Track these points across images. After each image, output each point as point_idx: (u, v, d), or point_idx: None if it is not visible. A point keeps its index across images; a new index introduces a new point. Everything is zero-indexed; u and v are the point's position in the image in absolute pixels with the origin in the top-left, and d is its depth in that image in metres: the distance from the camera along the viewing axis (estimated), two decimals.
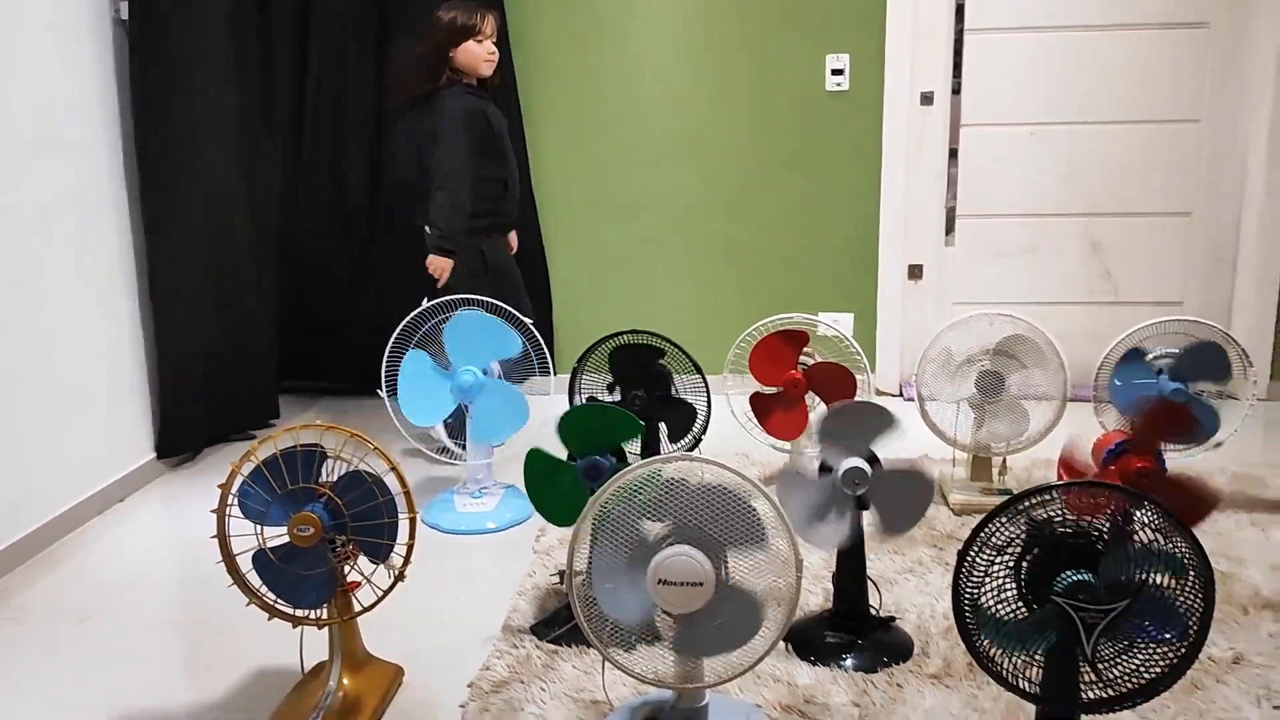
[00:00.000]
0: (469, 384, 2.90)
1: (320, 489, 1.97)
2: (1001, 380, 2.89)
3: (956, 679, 2.12)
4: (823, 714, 2.03)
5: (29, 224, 2.87)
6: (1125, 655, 1.65)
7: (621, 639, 1.86)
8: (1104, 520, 1.66)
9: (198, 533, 3.01)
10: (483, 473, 3.10)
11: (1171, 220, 3.99)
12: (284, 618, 2.00)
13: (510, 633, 2.36)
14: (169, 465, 3.52)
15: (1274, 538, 2.74)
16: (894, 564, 2.64)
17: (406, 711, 2.11)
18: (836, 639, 2.26)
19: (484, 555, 2.87)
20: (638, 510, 1.80)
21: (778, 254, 4.12)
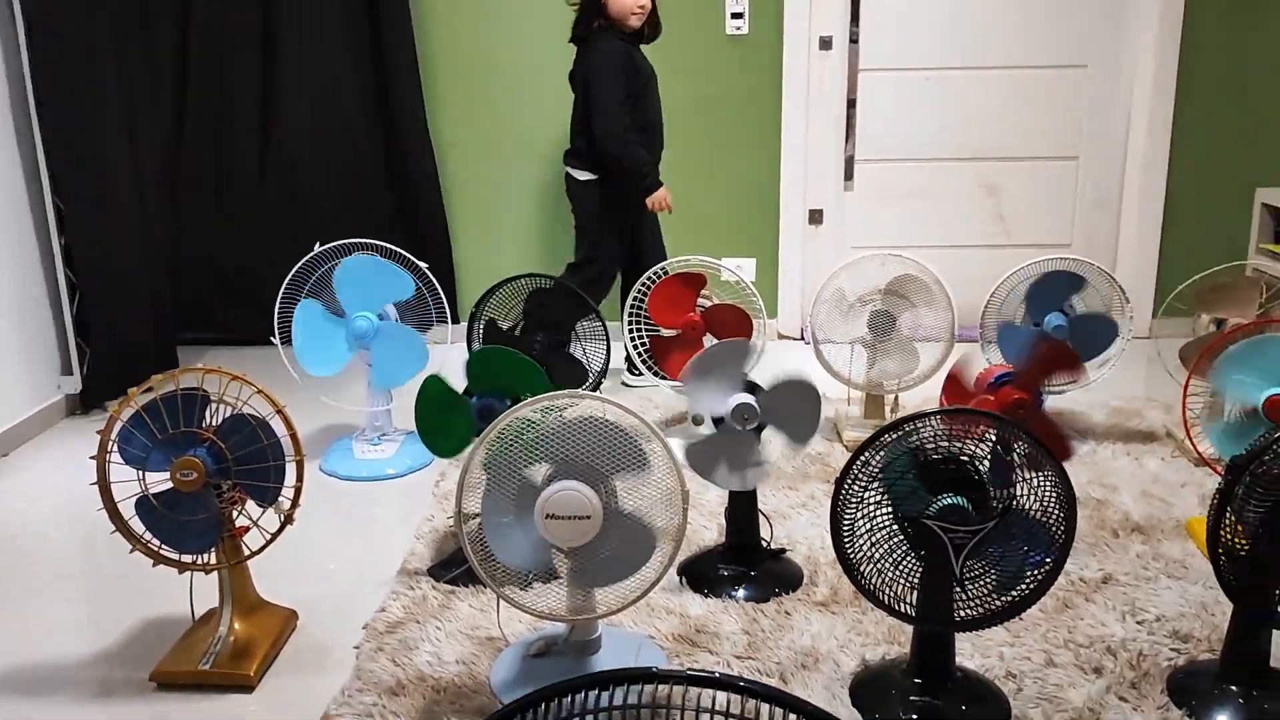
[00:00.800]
0: (364, 329, 2.87)
1: (203, 433, 1.94)
2: (892, 320, 2.95)
3: (843, 605, 2.19)
4: (713, 642, 2.08)
5: None
6: (992, 576, 1.72)
7: (517, 576, 1.87)
8: (977, 446, 1.72)
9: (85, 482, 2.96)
10: (382, 419, 3.08)
11: (1059, 164, 4.09)
12: (169, 563, 1.98)
13: (407, 575, 2.36)
14: (61, 417, 3.43)
15: (1147, 466, 2.87)
16: (787, 499, 2.70)
17: (300, 655, 2.10)
18: (729, 571, 2.32)
19: (383, 501, 2.85)
20: (525, 448, 1.81)
21: (679, 199, 4.11)
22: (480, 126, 4.09)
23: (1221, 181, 3.98)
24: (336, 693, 1.94)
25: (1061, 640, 2.04)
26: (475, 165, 4.12)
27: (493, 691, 1.93)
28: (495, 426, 1.84)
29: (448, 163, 4.10)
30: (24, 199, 3.29)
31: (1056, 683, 1.91)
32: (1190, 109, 3.95)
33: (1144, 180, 4.03)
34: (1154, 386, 3.51)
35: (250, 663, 2.00)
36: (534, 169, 4.12)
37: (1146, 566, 2.32)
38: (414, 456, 3.02)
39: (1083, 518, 2.54)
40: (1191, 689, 1.87)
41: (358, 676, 1.98)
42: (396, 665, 2.01)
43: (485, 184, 4.14)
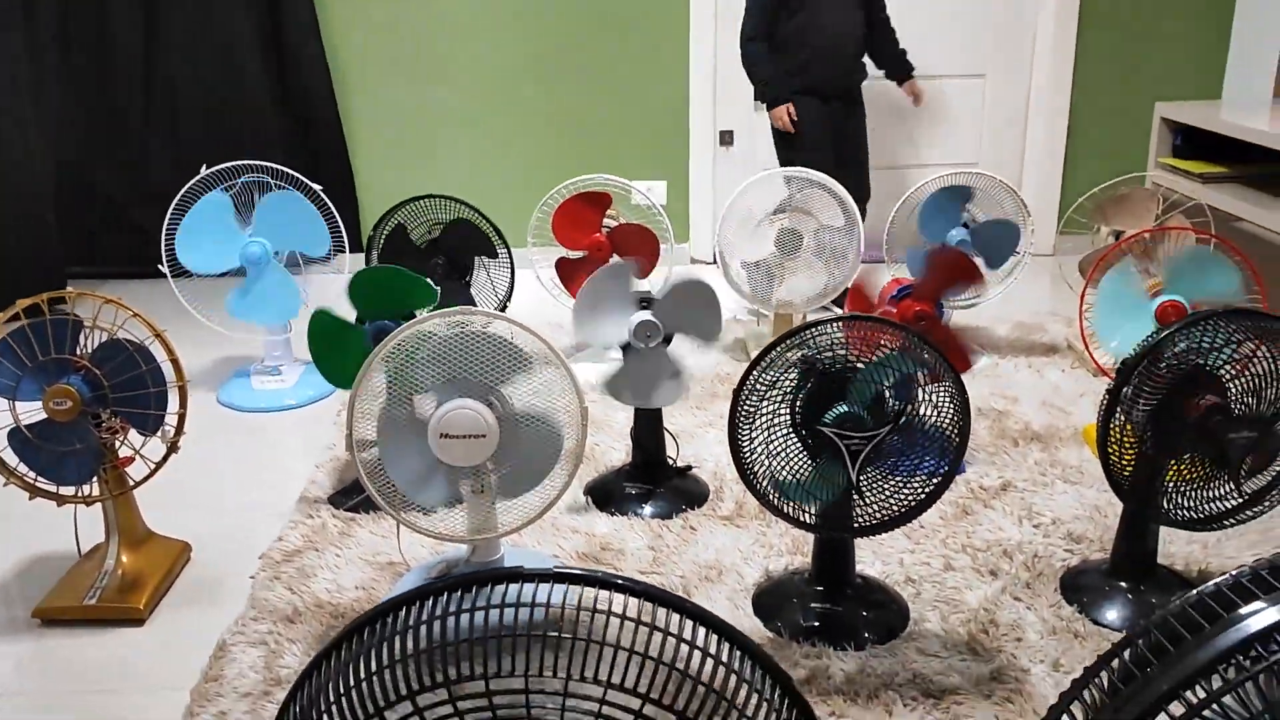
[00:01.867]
0: (255, 255, 2.77)
1: (77, 360, 1.84)
2: (799, 237, 2.94)
3: (748, 519, 2.20)
4: (618, 559, 2.07)
5: None
6: (887, 482, 1.73)
7: (407, 501, 1.83)
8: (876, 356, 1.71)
9: None
10: (280, 349, 2.98)
11: (967, 82, 4.09)
12: (47, 496, 1.89)
13: (306, 504, 2.30)
14: None
15: (1048, 377, 2.92)
16: (695, 418, 2.69)
17: (193, 586, 2.04)
18: (635, 489, 2.30)
19: (283, 432, 2.78)
20: (420, 365, 1.76)
21: (588, 120, 4.04)
22: (384, 46, 3.94)
23: (1123, 97, 4.02)
24: (231, 622, 1.89)
25: (960, 545, 2.07)
26: (379, 86, 3.98)
27: None
28: (389, 343, 1.78)
29: (348, 84, 3.95)
30: None
31: (954, 585, 1.95)
32: (1093, 26, 3.96)
33: (1049, 98, 4.05)
34: (1057, 301, 3.57)
35: (139, 595, 1.94)
36: (444, 91, 3.99)
37: (1044, 473, 2.37)
38: (315, 386, 2.93)
39: (984, 428, 2.58)
40: (1083, 586, 1.92)
41: (252, 605, 1.93)
42: (293, 593, 1.96)
43: (391, 107, 4.00)
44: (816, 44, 3.35)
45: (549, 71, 3.99)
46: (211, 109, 3.87)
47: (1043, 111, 4.08)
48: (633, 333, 2.14)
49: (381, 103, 3.99)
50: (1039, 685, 1.68)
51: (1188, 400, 1.72)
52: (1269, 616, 0.76)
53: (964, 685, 1.68)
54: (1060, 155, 4.10)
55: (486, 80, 3.99)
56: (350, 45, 3.92)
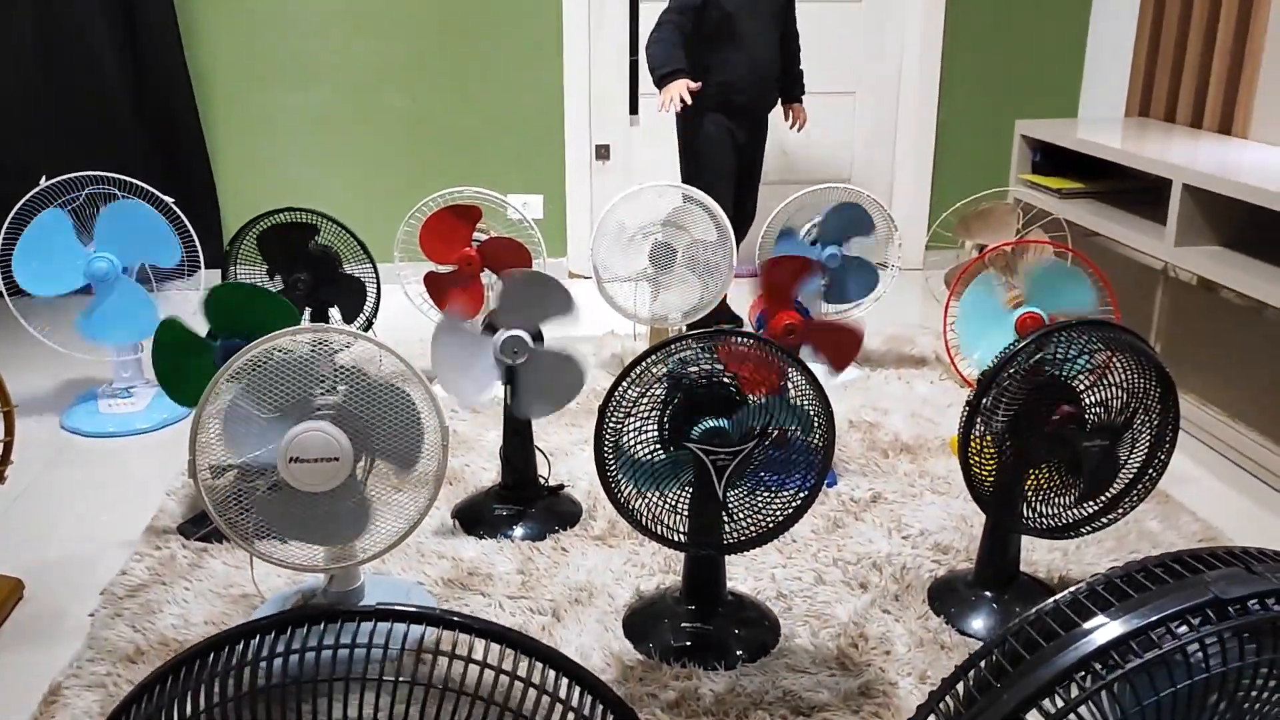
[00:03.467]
0: (102, 271, 2.61)
1: None
2: (673, 251, 2.92)
3: (620, 538, 2.16)
4: (486, 584, 2.00)
5: None
6: (755, 497, 1.71)
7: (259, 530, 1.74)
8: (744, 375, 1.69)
9: None
10: (130, 370, 2.83)
11: (838, 99, 4.16)
12: None
13: (154, 534, 2.17)
14: None
15: (916, 389, 2.97)
16: (570, 436, 2.64)
17: (26, 626, 1.90)
18: (505, 511, 2.24)
19: (133, 459, 2.63)
20: (267, 388, 1.67)
21: (461, 132, 3.97)
22: (249, 51, 3.79)
23: (987, 114, 4.14)
24: (65, 664, 1.76)
25: (831, 559, 2.07)
26: (241, 94, 3.83)
27: None
28: (241, 356, 1.69)
29: (209, 91, 3.79)
30: None
31: (824, 599, 1.94)
32: (958, 45, 4.08)
33: (916, 114, 4.15)
34: (926, 314, 3.64)
35: None
36: (309, 99, 3.86)
37: (913, 484, 2.39)
38: (168, 409, 2.78)
39: (855, 440, 2.60)
40: (949, 596, 1.93)
41: (90, 645, 1.80)
42: (136, 631, 1.84)
43: (254, 115, 3.86)
44: (738, 70, 3.24)
45: (419, 80, 3.90)
46: (60, 119, 3.66)
47: (911, 128, 4.18)
48: (499, 355, 2.07)
49: (244, 111, 3.84)
50: (906, 699, 1.68)
51: (1044, 410, 1.75)
52: (1111, 631, 0.76)
53: (833, 701, 1.67)
54: (928, 170, 4.20)
55: (354, 88, 3.88)
56: (212, 51, 3.77)
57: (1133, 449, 1.81)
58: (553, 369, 2.12)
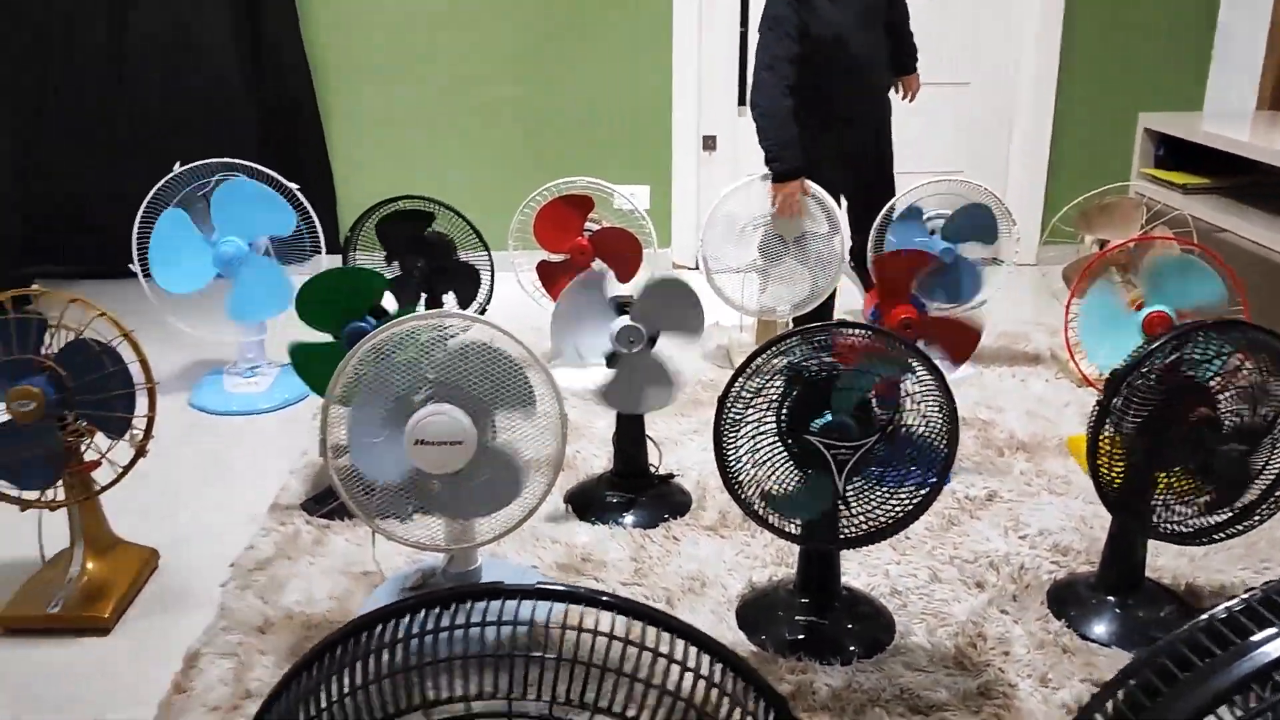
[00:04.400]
0: (231, 255, 2.70)
1: (41, 360, 1.78)
2: (783, 243, 2.90)
3: (731, 529, 2.16)
4: (599, 570, 2.02)
5: None
6: (875, 493, 1.69)
7: (395, 508, 1.78)
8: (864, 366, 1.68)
9: None
10: (254, 351, 2.92)
11: (951, 89, 4.08)
12: (8, 501, 1.83)
13: (279, 510, 2.25)
14: None
15: (1031, 388, 2.90)
16: (679, 426, 2.65)
17: (161, 594, 1.98)
18: (616, 498, 2.26)
19: (257, 437, 2.72)
20: (394, 371, 1.71)
21: (570, 123, 4.00)
22: (364, 44, 3.88)
23: (1107, 107, 4.01)
24: (199, 633, 1.83)
25: (947, 557, 2.04)
26: (358, 86, 3.92)
27: None
28: (366, 342, 1.74)
29: (328, 84, 3.89)
30: None
31: (941, 598, 1.91)
32: (1078, 35, 3.96)
33: (1033, 106, 4.05)
34: (1040, 310, 3.55)
35: (105, 604, 1.88)
36: (424, 91, 3.94)
37: (1030, 483, 2.34)
38: (289, 390, 2.88)
39: (969, 438, 2.55)
40: (1070, 599, 1.89)
41: (222, 616, 1.87)
42: (264, 603, 1.91)
43: (370, 107, 3.94)
44: (851, 94, 2.93)
45: (529, 73, 3.95)
46: (187, 109, 3.79)
47: (1027, 120, 4.07)
48: (615, 339, 2.10)
49: (359, 102, 3.93)
50: (1027, 701, 1.65)
51: (1179, 412, 1.69)
52: None
53: (951, 700, 1.64)
54: (1044, 164, 4.10)
55: (465, 80, 3.94)
56: (331, 45, 3.86)
57: (1271, 454, 1.75)
58: (649, 375, 2.14)
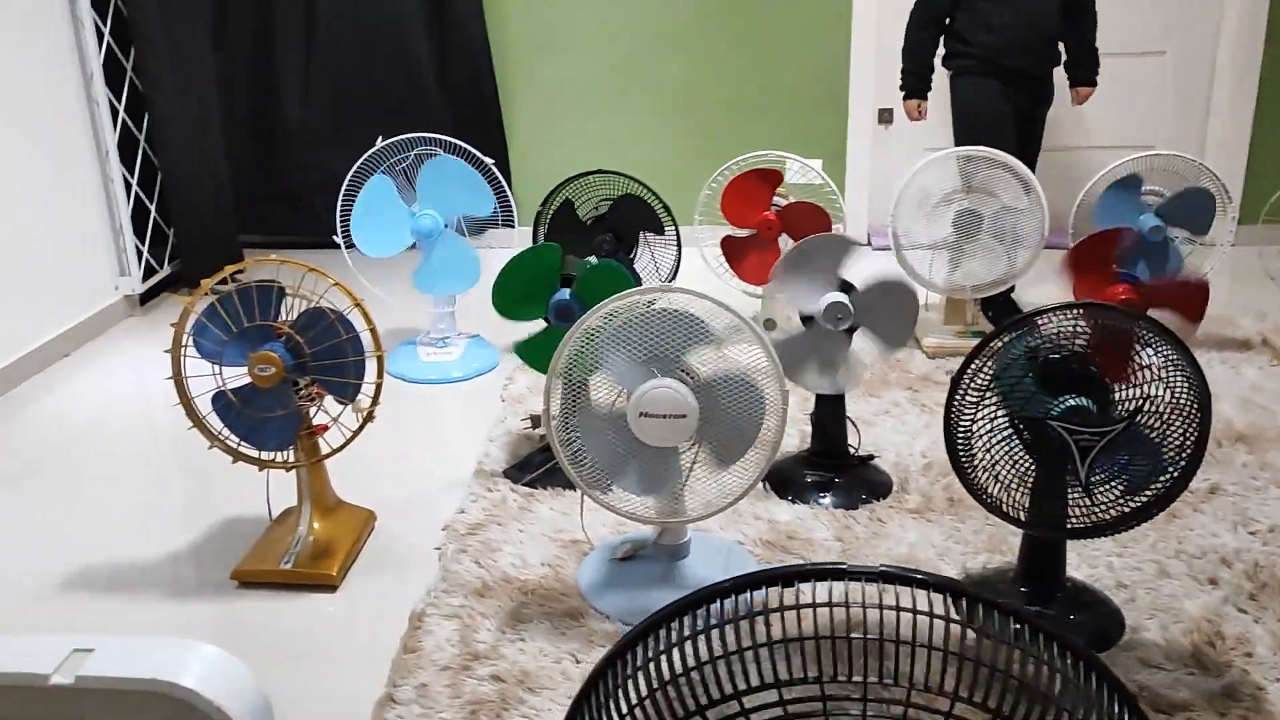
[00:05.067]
0: (427, 228, 2.77)
1: (279, 327, 1.86)
2: (979, 219, 2.81)
3: (937, 514, 2.11)
4: (805, 549, 2.01)
5: None
6: (1116, 481, 1.62)
7: (599, 480, 1.80)
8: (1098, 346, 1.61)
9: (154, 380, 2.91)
10: (445, 322, 3.00)
11: (1145, 60, 3.88)
12: (248, 461, 1.92)
13: (484, 477, 2.30)
14: (121, 318, 3.37)
15: (1244, 374, 2.75)
16: (870, 406, 2.60)
17: (380, 555, 2.06)
18: (815, 477, 2.24)
19: (450, 404, 2.79)
20: (615, 345, 1.72)
21: (741, 96, 3.96)
22: (539, 22, 3.92)
23: None
24: (422, 593, 1.89)
25: (1172, 551, 1.95)
26: (534, 62, 3.96)
27: (582, 595, 1.87)
28: (587, 320, 1.75)
29: (505, 60, 3.94)
30: (80, 103, 3.19)
31: (1170, 593, 1.83)
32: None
33: (1235, 78, 3.81)
34: (1244, 293, 3.36)
35: (332, 562, 1.96)
36: (594, 66, 3.95)
37: (1255, 476, 2.22)
38: (480, 360, 2.94)
39: None
40: None
41: (443, 579, 1.93)
42: (481, 567, 1.96)
43: (544, 82, 3.98)
44: (1010, 32, 3.03)
45: (702, 47, 3.91)
46: (377, 87, 3.90)
47: (1227, 90, 3.84)
48: (823, 311, 2.07)
49: (536, 78, 3.97)
50: (1278, 705, 1.56)
51: None
52: None
53: (1195, 700, 1.57)
54: (1245, 140, 3.85)
55: (639, 57, 3.94)
56: (510, 23, 3.91)
57: None
58: (835, 356, 2.12)
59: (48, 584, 1.98)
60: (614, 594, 1.86)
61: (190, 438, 1.92)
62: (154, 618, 1.87)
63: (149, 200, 3.52)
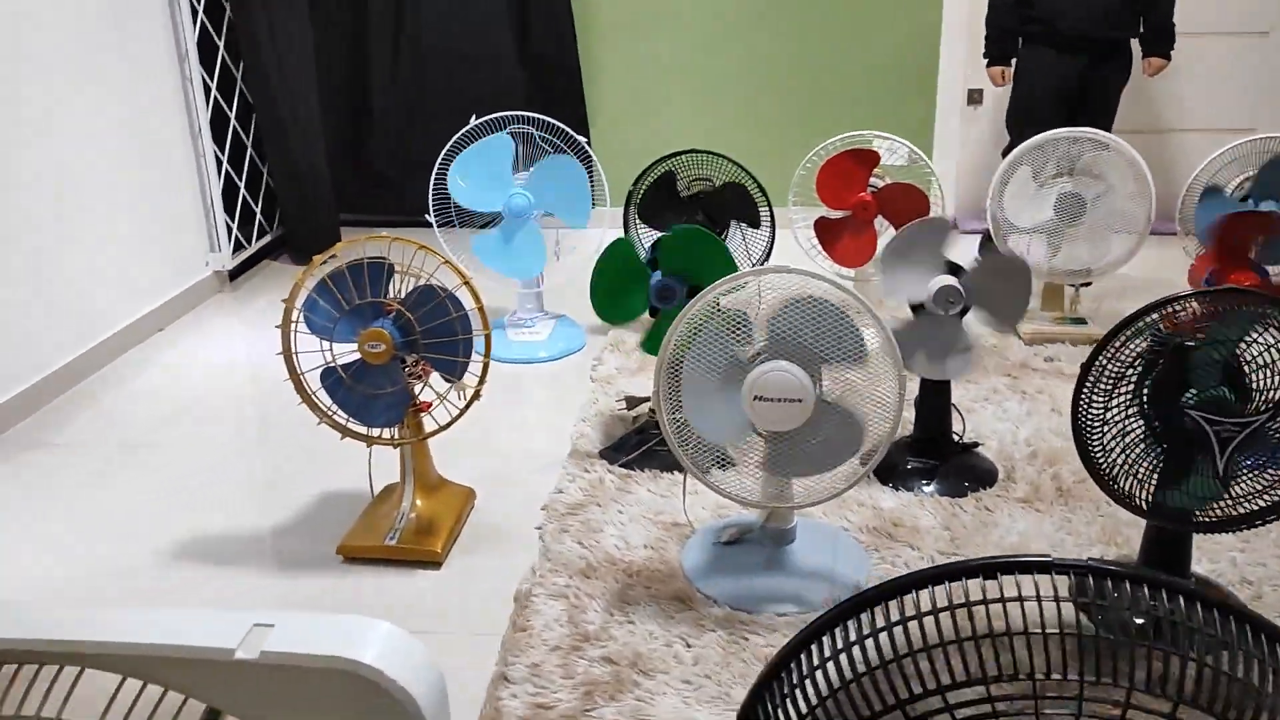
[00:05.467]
0: (519, 208, 2.76)
1: (389, 304, 1.86)
2: (1083, 203, 2.74)
3: (1046, 503, 2.06)
4: (912, 537, 1.97)
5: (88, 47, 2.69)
6: (1258, 473, 1.57)
7: (707, 462, 1.78)
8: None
9: (254, 355, 2.95)
10: (531, 303, 2.99)
11: (1246, 40, 3.75)
12: (356, 438, 1.93)
13: (580, 457, 2.29)
14: (211, 294, 3.42)
15: None
16: (968, 392, 2.55)
17: (482, 533, 2.06)
18: (918, 464, 2.20)
19: (538, 384, 2.78)
20: (730, 327, 1.69)
21: (830, 78, 3.89)
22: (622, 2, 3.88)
23: None
24: (526, 572, 1.89)
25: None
26: (616, 39, 3.93)
27: (687, 577, 1.86)
28: (700, 301, 1.73)
29: (589, 39, 3.91)
30: (175, 80, 3.23)
31: None
32: None
33: None
34: None
35: (436, 539, 1.96)
36: (681, 46, 3.91)
37: None
38: (567, 340, 2.93)
39: None
40: None
41: (546, 558, 1.92)
42: (584, 547, 1.95)
43: (626, 60, 3.95)
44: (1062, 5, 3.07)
45: (785, 25, 3.85)
46: (463, 65, 3.89)
47: None
48: (933, 296, 2.03)
49: (620, 56, 3.94)
50: None
51: None
52: None
53: None
54: None
55: (722, 32, 3.88)
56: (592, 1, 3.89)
57: None
58: (952, 341, 2.06)
59: (158, 554, 2.01)
60: (721, 578, 1.84)
61: (283, 412, 1.93)
62: (267, 591, 1.89)
63: (238, 178, 3.56)
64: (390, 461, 2.06)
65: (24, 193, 2.59)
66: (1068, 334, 2.81)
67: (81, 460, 2.39)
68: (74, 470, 2.35)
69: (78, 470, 2.34)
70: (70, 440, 2.49)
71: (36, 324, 2.63)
